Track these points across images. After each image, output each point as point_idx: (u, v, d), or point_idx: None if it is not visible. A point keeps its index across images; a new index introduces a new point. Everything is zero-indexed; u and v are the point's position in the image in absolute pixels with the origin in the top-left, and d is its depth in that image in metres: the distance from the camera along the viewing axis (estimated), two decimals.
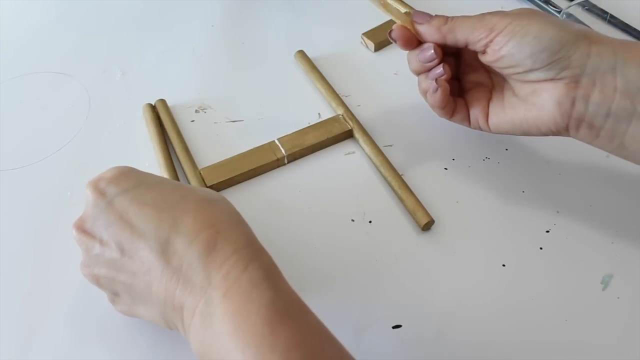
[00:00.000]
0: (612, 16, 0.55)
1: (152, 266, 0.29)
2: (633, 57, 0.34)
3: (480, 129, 0.41)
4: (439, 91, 0.40)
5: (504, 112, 0.39)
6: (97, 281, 0.32)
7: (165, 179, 0.34)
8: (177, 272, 0.29)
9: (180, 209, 0.30)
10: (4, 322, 0.36)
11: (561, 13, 0.55)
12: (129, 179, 0.32)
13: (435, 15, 0.40)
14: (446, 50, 0.41)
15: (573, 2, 0.56)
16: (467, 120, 0.42)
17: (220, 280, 0.28)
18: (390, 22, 0.54)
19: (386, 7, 0.42)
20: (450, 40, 0.39)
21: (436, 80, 0.40)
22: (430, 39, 0.40)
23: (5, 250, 0.40)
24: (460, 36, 0.38)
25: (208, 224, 0.30)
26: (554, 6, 0.56)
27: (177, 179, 0.43)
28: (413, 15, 0.40)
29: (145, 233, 0.30)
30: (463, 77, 0.43)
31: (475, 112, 0.41)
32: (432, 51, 0.39)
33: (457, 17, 0.39)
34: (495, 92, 0.41)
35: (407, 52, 0.41)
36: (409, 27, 0.40)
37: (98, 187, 0.32)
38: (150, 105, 0.49)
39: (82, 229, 0.32)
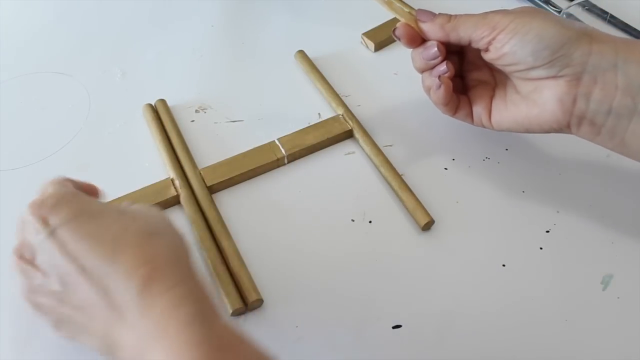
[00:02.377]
0: (612, 16, 0.55)
1: (93, 302, 0.29)
2: (634, 55, 0.34)
3: (483, 126, 0.41)
4: (442, 88, 0.40)
5: (507, 110, 0.40)
6: (39, 309, 0.32)
7: (107, 205, 0.32)
8: (115, 309, 0.28)
9: (120, 242, 0.29)
10: (3, 322, 0.36)
11: (561, 13, 0.55)
12: (71, 207, 0.31)
13: (439, 14, 0.40)
14: (450, 48, 0.41)
15: (573, 2, 0.56)
16: (470, 117, 0.42)
17: (153, 320, 0.27)
18: (391, 22, 0.54)
19: (390, 5, 0.42)
20: (453, 38, 0.39)
21: (439, 77, 0.40)
22: (433, 37, 0.40)
23: (5, 250, 0.40)
24: (463, 34, 0.38)
25: (145, 260, 0.29)
26: (554, 6, 0.56)
27: (185, 176, 0.43)
28: (417, 13, 0.41)
29: (85, 268, 0.29)
30: (466, 74, 0.43)
31: (478, 110, 0.41)
32: (436, 49, 0.40)
33: (460, 15, 0.39)
34: (498, 90, 0.41)
35: (411, 50, 0.42)
36: (412, 25, 0.40)
37: (40, 214, 0.31)
38: (150, 105, 0.49)
39: (23, 257, 0.31)
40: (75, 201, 0.31)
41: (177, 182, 0.43)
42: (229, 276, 0.38)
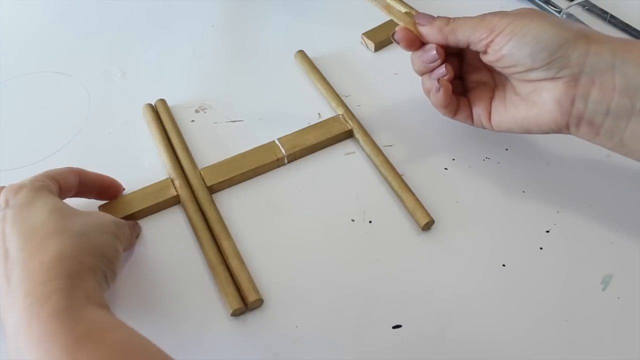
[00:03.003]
0: (612, 16, 0.55)
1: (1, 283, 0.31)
2: (632, 55, 0.34)
3: (483, 127, 0.41)
4: (442, 91, 0.40)
5: (506, 111, 0.40)
6: None
7: (60, 206, 0.34)
8: (9, 294, 0.30)
9: (47, 239, 0.31)
10: None
11: (561, 13, 0.55)
12: (28, 196, 0.34)
13: (437, 17, 0.40)
14: (449, 51, 0.41)
15: (573, 2, 0.56)
16: (470, 118, 0.42)
17: (24, 311, 0.28)
18: (391, 23, 0.54)
19: (389, 9, 0.42)
20: (452, 41, 0.39)
21: (439, 80, 0.40)
22: (432, 40, 0.40)
23: None
24: (461, 37, 0.38)
25: (42, 255, 0.31)
26: (554, 6, 0.56)
27: (185, 176, 0.43)
28: (416, 17, 0.41)
29: (8, 251, 0.31)
30: (466, 76, 0.43)
31: (478, 111, 0.41)
32: (435, 52, 0.40)
33: (459, 18, 0.39)
34: (497, 91, 0.41)
35: (411, 53, 0.42)
36: (411, 28, 0.41)
37: (6, 195, 0.34)
38: (150, 105, 0.49)
39: None
40: (37, 193, 0.34)
41: (176, 182, 0.43)
42: (229, 276, 0.38)
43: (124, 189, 0.42)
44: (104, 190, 0.41)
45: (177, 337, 0.36)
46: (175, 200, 0.43)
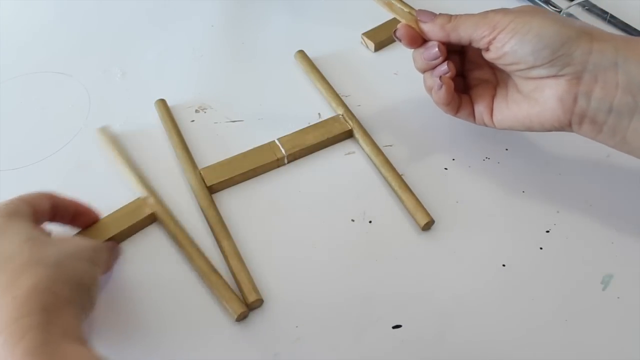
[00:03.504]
0: (612, 16, 0.55)
1: None
2: (634, 53, 0.34)
3: (485, 124, 0.41)
4: (444, 88, 0.40)
5: (508, 108, 0.40)
6: None
7: (31, 235, 0.32)
8: None
9: (18, 273, 0.29)
10: None
11: (561, 13, 0.55)
12: (2, 222, 0.32)
13: (439, 14, 0.40)
14: (451, 48, 0.41)
15: (573, 2, 0.56)
16: (472, 116, 0.42)
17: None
18: (391, 23, 0.54)
19: (390, 6, 0.42)
20: (454, 38, 0.39)
21: (440, 77, 0.40)
22: (434, 37, 0.40)
23: None
24: (463, 34, 0.38)
25: (16, 291, 0.29)
26: (554, 6, 0.56)
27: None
28: (417, 14, 0.41)
29: None
30: (468, 74, 0.43)
31: (480, 109, 0.41)
32: (437, 49, 0.40)
33: (461, 15, 0.39)
34: (499, 89, 0.41)
35: (412, 50, 0.42)
36: (413, 25, 0.40)
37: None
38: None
39: None
40: (9, 219, 0.32)
41: (149, 200, 0.42)
42: (224, 283, 0.37)
43: (99, 217, 0.40)
44: (77, 216, 0.39)
45: (175, 343, 0.36)
46: (152, 219, 0.41)
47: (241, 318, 0.36)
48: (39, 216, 0.35)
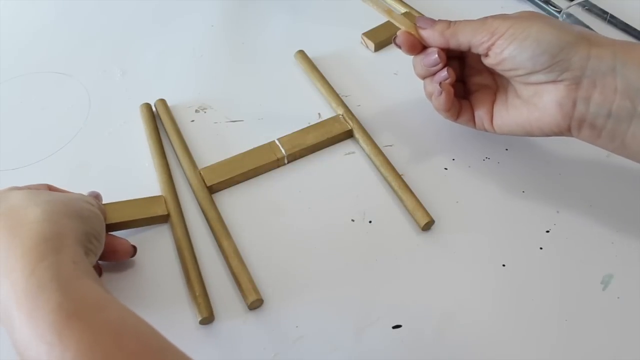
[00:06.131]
0: (612, 16, 0.55)
1: None
2: (632, 58, 0.34)
3: (485, 130, 0.42)
4: (444, 94, 0.40)
5: (508, 114, 0.40)
6: None
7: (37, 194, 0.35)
8: None
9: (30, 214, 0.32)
10: None
11: (561, 13, 0.55)
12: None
13: (438, 20, 0.40)
14: (450, 54, 0.41)
15: (573, 2, 0.56)
16: (472, 121, 0.42)
17: (10, 288, 0.28)
18: (391, 23, 0.54)
19: (390, 13, 0.42)
20: (453, 44, 0.39)
21: (440, 83, 0.40)
22: (434, 44, 0.40)
23: None
24: (462, 40, 0.38)
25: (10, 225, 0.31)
26: (554, 6, 0.56)
27: (171, 180, 0.43)
28: (417, 20, 0.41)
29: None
30: (468, 79, 0.43)
31: (480, 114, 0.41)
32: (436, 55, 0.40)
33: (460, 21, 0.39)
34: (499, 94, 0.41)
35: (412, 56, 0.42)
36: (412, 32, 0.40)
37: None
38: (148, 104, 0.49)
39: None
40: (9, 190, 0.35)
41: (168, 201, 0.42)
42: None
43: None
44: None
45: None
46: (164, 219, 0.42)
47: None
48: None
